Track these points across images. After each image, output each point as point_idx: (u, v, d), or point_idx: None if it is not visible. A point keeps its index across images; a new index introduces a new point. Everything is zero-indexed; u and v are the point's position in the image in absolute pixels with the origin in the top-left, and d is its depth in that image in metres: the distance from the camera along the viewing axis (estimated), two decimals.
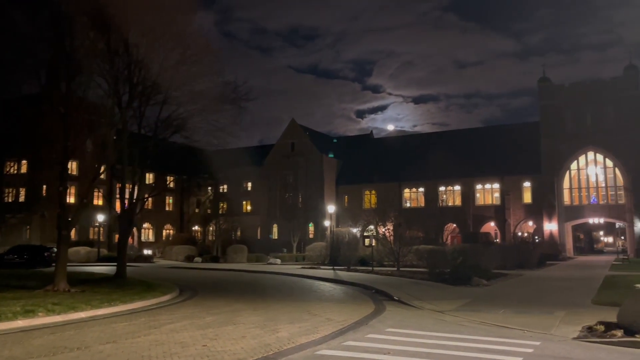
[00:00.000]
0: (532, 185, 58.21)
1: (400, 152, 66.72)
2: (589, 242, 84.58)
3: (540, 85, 58.63)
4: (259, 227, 68.79)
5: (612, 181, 55.70)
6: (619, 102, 53.74)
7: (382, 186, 64.26)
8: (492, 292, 18.41)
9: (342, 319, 12.49)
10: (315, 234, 62.24)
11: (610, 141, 53.68)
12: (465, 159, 60.17)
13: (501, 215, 59.09)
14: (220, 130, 25.46)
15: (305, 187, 63.63)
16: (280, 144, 69.34)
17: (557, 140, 56.03)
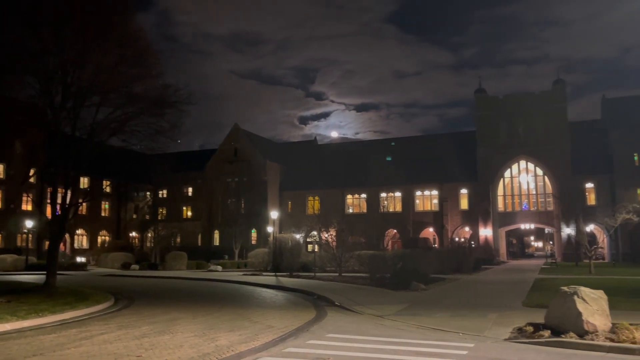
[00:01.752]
0: (469, 192, 60.40)
1: (343, 158, 67.50)
2: (520, 246, 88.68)
3: (476, 96, 61.08)
4: (200, 233, 67.46)
5: (542, 189, 58.75)
6: (548, 114, 56.84)
7: (325, 192, 64.77)
8: (430, 296, 18.91)
9: (283, 325, 12.43)
10: (258, 240, 61.71)
11: (540, 151, 56.67)
12: (405, 166, 61.73)
13: (439, 221, 60.91)
14: (159, 134, 24.78)
15: (248, 192, 63.04)
16: (222, 149, 68.41)
17: (492, 149, 58.53)
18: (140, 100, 23.16)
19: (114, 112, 23.55)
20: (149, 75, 22.86)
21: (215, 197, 65.82)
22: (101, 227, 66.19)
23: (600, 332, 9.50)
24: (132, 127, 24.36)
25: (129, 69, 22.18)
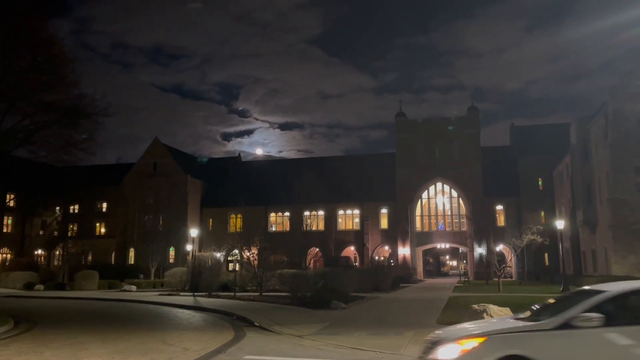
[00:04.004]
0: (389, 211, 62.09)
1: (267, 176, 67.20)
2: (437, 265, 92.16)
3: (397, 120, 63.34)
4: (114, 251, 64.14)
5: (457, 210, 61.63)
6: (463, 139, 60.05)
7: (248, 210, 64.00)
8: (349, 315, 19.07)
9: (199, 347, 11.99)
10: (176, 259, 59.66)
11: (455, 173, 59.59)
12: (328, 185, 62.48)
13: (360, 239, 62.02)
14: (72, 146, 23.50)
15: (167, 209, 60.99)
16: (141, 163, 65.85)
17: (411, 170, 60.74)
18: (52, 110, 21.87)
19: (22, 121, 22.03)
20: (62, 84, 21.68)
21: (132, 213, 63.04)
22: (3, 244, 61.16)
23: None
24: (42, 137, 22.93)
25: (41, 76, 20.92)
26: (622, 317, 6.20)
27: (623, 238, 35.14)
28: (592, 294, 6.45)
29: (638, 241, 34.53)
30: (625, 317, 6.21)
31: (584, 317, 5.88)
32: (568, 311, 6.12)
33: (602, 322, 5.87)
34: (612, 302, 6.27)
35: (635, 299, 6.47)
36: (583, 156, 43.18)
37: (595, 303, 6.16)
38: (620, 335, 5.85)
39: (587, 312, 5.99)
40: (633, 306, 6.40)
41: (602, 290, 6.53)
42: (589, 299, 6.28)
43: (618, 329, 5.92)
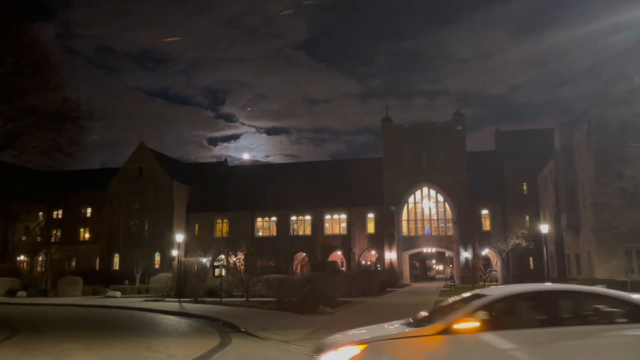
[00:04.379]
0: (376, 216, 62.25)
1: (253, 181, 67.00)
2: (423, 269, 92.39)
3: (384, 124, 63.61)
4: (98, 256, 63.43)
5: (443, 214, 61.97)
6: (448, 144, 60.47)
7: (234, 215, 63.73)
8: (336, 320, 19.04)
9: (184, 354, 11.90)
10: (162, 265, 59.16)
11: (441, 178, 59.95)
12: (315, 190, 62.51)
13: (347, 244, 62.07)
14: (56, 151, 23.18)
15: (153, 214, 60.48)
16: (126, 168, 65.28)
17: (397, 175, 60.99)
18: (35, 114, 21.57)
19: (5, 125, 21.72)
20: (46, 88, 21.41)
21: (117, 218, 62.43)
22: None
23: None
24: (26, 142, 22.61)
25: (24, 80, 20.64)
26: (502, 321, 6.14)
27: (606, 242, 35.61)
28: (476, 298, 6.34)
29: (620, 245, 35.02)
30: (505, 321, 6.15)
31: (462, 323, 5.82)
32: (450, 316, 6.02)
33: (481, 326, 5.82)
34: (493, 306, 6.20)
35: (515, 302, 6.40)
36: (567, 161, 43.73)
37: (476, 307, 6.08)
38: (500, 339, 5.75)
39: (468, 316, 5.93)
40: (513, 310, 6.35)
41: (486, 294, 6.43)
42: (472, 304, 6.19)
43: (498, 333, 5.82)
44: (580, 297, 6.51)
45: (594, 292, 6.59)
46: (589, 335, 5.71)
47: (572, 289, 6.71)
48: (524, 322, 6.16)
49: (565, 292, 6.52)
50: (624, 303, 6.11)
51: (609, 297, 6.30)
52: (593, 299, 6.44)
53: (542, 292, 6.42)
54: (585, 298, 6.48)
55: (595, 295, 6.51)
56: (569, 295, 6.49)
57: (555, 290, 6.50)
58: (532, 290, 6.60)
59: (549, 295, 6.28)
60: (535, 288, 6.66)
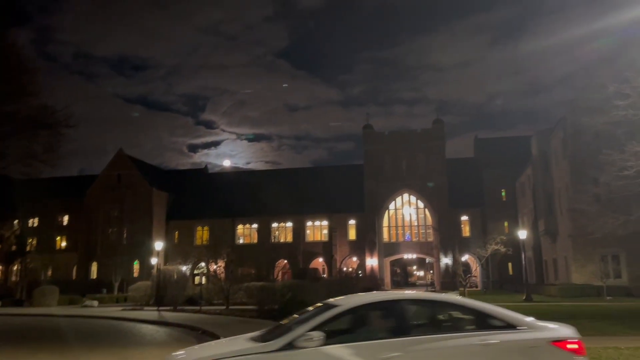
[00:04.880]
0: (357, 222, 62.36)
1: (234, 188, 66.62)
2: (404, 276, 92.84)
3: (365, 131, 63.92)
4: (76, 265, 62.30)
5: (423, 220, 62.39)
6: (428, 151, 61.00)
7: (215, 222, 63.23)
8: None
9: None
10: (141, 273, 58.34)
11: (421, 184, 60.40)
12: (297, 196, 62.41)
13: (329, 251, 62.01)
14: (32, 158, 22.82)
15: (132, 221, 59.72)
16: (104, 175, 64.38)
17: (378, 182, 61.28)
18: (11, 120, 21.23)
19: None
20: (22, 94, 21.09)
21: (95, 226, 61.46)
22: None
23: None
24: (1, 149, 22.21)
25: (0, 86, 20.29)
26: (351, 333, 5.92)
27: (582, 247, 36.27)
28: (326, 310, 5.99)
29: (596, 250, 35.70)
30: (354, 333, 5.93)
31: (306, 337, 5.47)
32: (295, 330, 5.68)
33: (324, 340, 5.45)
34: (342, 317, 5.90)
35: (365, 313, 6.15)
36: (544, 168, 44.49)
37: (325, 319, 5.75)
38: (347, 352, 5.50)
39: (314, 329, 5.56)
40: (362, 320, 6.10)
41: (336, 304, 6.08)
42: (320, 315, 5.85)
43: (345, 345, 5.55)
44: (431, 305, 6.34)
45: (445, 301, 6.51)
46: (438, 344, 5.57)
47: (423, 298, 6.48)
48: (374, 333, 5.97)
49: (416, 301, 6.28)
50: (473, 311, 6.01)
51: (459, 306, 6.19)
52: (444, 307, 6.35)
53: (392, 302, 6.12)
54: (436, 307, 6.36)
55: (445, 303, 6.42)
56: (420, 304, 6.28)
57: (405, 299, 6.20)
58: (382, 300, 6.39)
59: (400, 305, 5.99)
60: (385, 297, 6.40)
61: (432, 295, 6.56)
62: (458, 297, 6.39)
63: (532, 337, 5.70)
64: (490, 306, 6.12)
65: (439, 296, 6.64)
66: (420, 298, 6.44)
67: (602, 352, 10.88)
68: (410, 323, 5.89)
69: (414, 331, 5.77)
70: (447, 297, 6.52)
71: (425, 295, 6.58)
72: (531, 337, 5.71)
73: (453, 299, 6.52)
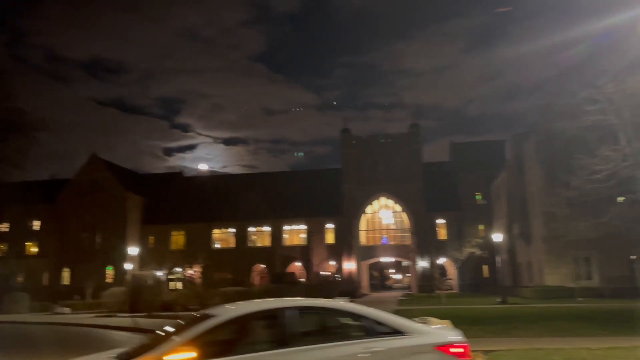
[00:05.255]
0: (335, 226, 62.39)
1: (211, 192, 65.97)
2: (381, 279, 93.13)
3: (342, 135, 64.12)
4: (47, 271, 60.85)
5: (400, 224, 62.79)
6: (405, 155, 61.48)
7: (191, 226, 62.55)
8: None
9: None
10: (115, 279, 57.28)
11: (398, 188, 60.81)
12: (274, 200, 62.14)
13: (306, 255, 61.86)
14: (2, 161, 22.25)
15: (105, 226, 58.66)
16: (77, 179, 63.12)
17: (356, 185, 61.47)
18: None
19: None
20: None
21: (67, 231, 60.15)
22: None
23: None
24: None
25: None
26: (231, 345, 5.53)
27: (555, 250, 36.94)
28: (203, 320, 5.49)
29: (568, 253, 36.40)
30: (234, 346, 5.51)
31: None
32: (164, 345, 5.13)
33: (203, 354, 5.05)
34: (221, 328, 5.48)
35: (247, 323, 5.73)
36: (518, 172, 45.21)
37: (200, 332, 5.24)
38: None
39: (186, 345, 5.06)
40: (244, 332, 5.69)
41: (214, 315, 5.59)
42: (196, 327, 5.34)
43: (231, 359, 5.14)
44: (316, 313, 6.05)
45: (331, 308, 6.10)
46: (322, 354, 5.36)
47: (308, 305, 6.07)
48: (254, 345, 5.60)
49: (302, 309, 5.85)
50: (360, 317, 5.83)
51: (345, 312, 6.00)
52: (330, 314, 6.08)
53: (275, 310, 5.73)
54: (322, 314, 6.07)
55: (332, 310, 6.10)
56: (306, 312, 5.89)
57: (290, 307, 5.74)
58: (265, 309, 5.92)
59: (284, 313, 5.59)
60: (268, 306, 5.96)
61: (318, 302, 6.15)
62: (345, 303, 6.14)
63: (417, 343, 5.62)
64: (377, 312, 5.94)
65: (325, 303, 6.14)
66: (305, 305, 6.02)
67: (574, 353, 11.03)
68: (294, 333, 5.51)
69: (297, 341, 5.44)
70: (333, 304, 6.14)
71: (310, 303, 6.20)
72: (416, 342, 5.62)
73: (339, 305, 6.19)
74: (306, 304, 6.13)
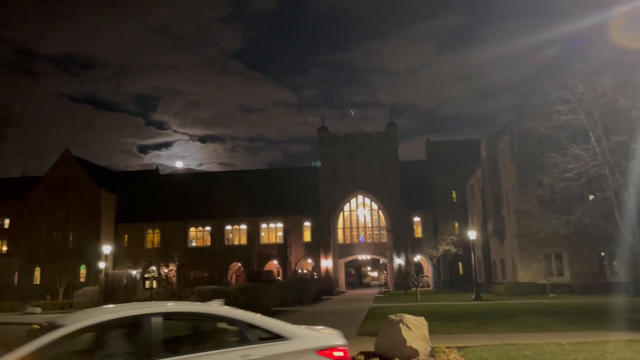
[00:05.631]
0: (312, 224, 62.45)
1: (187, 190, 65.33)
2: (358, 276, 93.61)
3: (319, 134, 64.18)
4: (17, 271, 59.46)
5: (377, 222, 63.20)
6: (382, 153, 61.89)
7: (166, 225, 61.74)
8: None
9: None
10: (88, 278, 56.32)
11: (375, 187, 61.18)
12: (251, 198, 61.81)
13: (283, 253, 61.81)
14: None
15: (79, 225, 57.51)
16: (49, 176, 61.80)
17: (333, 184, 61.63)
18: None
19: None
20: None
21: (38, 229, 58.80)
22: None
23: (422, 356, 10.28)
24: None
25: None
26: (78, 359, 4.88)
27: (527, 247, 37.65)
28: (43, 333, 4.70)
29: (540, 250, 37.15)
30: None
31: None
32: None
33: None
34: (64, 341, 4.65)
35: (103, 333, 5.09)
36: (492, 170, 45.92)
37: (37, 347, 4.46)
38: None
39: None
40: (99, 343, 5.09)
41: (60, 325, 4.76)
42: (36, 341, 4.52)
43: None
44: (187, 319, 5.53)
45: (203, 313, 5.49)
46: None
47: (177, 311, 5.52)
48: (112, 358, 5.06)
49: (170, 315, 5.23)
50: (236, 322, 5.35)
51: (219, 317, 5.45)
52: (203, 320, 5.54)
53: (138, 317, 5.03)
54: (194, 320, 5.53)
55: (204, 315, 5.49)
56: (174, 318, 5.35)
57: (155, 313, 5.03)
58: (124, 316, 5.12)
59: (148, 320, 4.91)
60: (129, 313, 5.19)
61: (187, 307, 5.67)
62: (219, 307, 5.51)
63: (298, 348, 5.26)
64: (254, 316, 5.49)
65: (196, 308, 5.61)
66: (172, 311, 5.40)
67: (545, 348, 11.27)
68: (159, 342, 4.87)
69: (162, 351, 4.82)
70: (204, 309, 5.53)
71: (178, 308, 5.66)
72: (297, 347, 5.27)
73: (212, 310, 5.48)
74: (173, 309, 5.54)
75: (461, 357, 10.30)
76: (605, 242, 32.11)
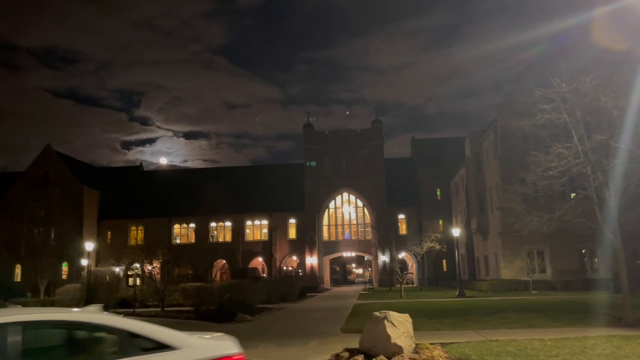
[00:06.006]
0: (297, 221, 62.38)
1: (171, 186, 64.86)
2: (343, 273, 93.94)
3: (305, 131, 64.09)
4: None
5: (362, 219, 63.36)
6: (367, 151, 62.04)
7: (150, 221, 61.29)
8: (255, 327, 18.80)
9: None
10: (70, 275, 55.63)
11: (360, 184, 61.34)
12: (236, 195, 61.57)
13: (268, 250, 61.68)
14: None
15: (60, 221, 56.64)
16: (30, 172, 60.84)
17: (318, 181, 61.63)
18: None
19: None
20: None
21: (19, 226, 57.86)
22: None
23: (406, 353, 10.33)
24: None
25: None
26: None
27: (510, 244, 38.08)
28: None
29: (523, 247, 37.60)
30: None
31: None
32: None
33: None
34: None
35: None
36: (476, 168, 46.31)
37: None
38: None
39: None
40: None
41: None
42: None
43: None
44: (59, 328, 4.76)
45: (74, 321, 4.84)
46: None
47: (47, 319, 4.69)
48: None
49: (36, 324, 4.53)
50: (116, 331, 4.74)
51: (97, 326, 4.76)
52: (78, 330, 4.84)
53: None
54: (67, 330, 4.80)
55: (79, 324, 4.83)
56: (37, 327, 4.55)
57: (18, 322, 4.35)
58: None
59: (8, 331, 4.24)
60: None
61: (55, 315, 4.87)
62: (95, 314, 4.91)
63: (187, 359, 4.73)
64: (137, 323, 4.94)
65: (66, 315, 4.92)
66: (33, 320, 4.56)
67: (527, 344, 11.40)
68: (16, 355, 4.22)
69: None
70: (77, 316, 4.93)
71: (42, 316, 4.76)
72: (186, 358, 4.72)
73: (85, 317, 4.86)
74: (35, 317, 4.64)
75: (445, 354, 10.37)
76: (587, 239, 32.62)
